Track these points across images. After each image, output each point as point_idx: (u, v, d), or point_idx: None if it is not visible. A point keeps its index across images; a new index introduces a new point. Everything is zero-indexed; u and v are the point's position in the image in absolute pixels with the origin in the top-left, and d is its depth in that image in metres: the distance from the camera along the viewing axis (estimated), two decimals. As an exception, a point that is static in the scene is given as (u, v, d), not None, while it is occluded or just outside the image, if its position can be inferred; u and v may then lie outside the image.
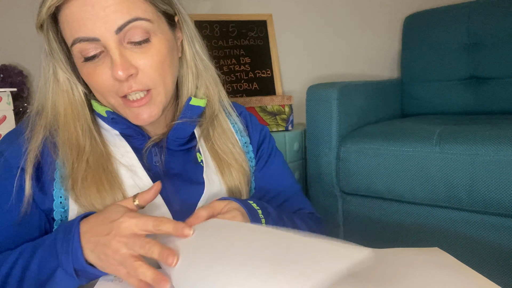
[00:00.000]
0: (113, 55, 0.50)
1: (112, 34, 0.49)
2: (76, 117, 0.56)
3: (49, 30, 0.53)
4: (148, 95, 0.54)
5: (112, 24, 0.49)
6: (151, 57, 0.52)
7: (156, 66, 0.52)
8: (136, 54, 0.51)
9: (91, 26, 0.48)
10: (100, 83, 0.52)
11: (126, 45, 0.51)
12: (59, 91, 0.56)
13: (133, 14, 0.49)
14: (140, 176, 0.56)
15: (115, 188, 0.53)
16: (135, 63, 0.51)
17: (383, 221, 1.10)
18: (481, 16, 1.44)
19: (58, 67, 0.56)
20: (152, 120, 0.55)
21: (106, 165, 0.55)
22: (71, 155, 0.54)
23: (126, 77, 0.50)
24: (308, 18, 1.68)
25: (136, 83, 0.52)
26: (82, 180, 0.52)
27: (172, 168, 0.61)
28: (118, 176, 0.55)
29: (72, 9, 0.49)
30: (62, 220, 0.54)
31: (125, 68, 0.50)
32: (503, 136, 0.90)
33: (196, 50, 0.62)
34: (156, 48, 0.52)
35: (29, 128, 0.55)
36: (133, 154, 0.58)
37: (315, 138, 1.19)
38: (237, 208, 0.51)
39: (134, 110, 0.54)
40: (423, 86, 1.56)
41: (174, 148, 0.62)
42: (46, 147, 0.54)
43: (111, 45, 0.49)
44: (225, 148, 0.64)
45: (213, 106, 0.64)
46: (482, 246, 0.95)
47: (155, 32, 0.52)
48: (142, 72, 0.52)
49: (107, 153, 0.56)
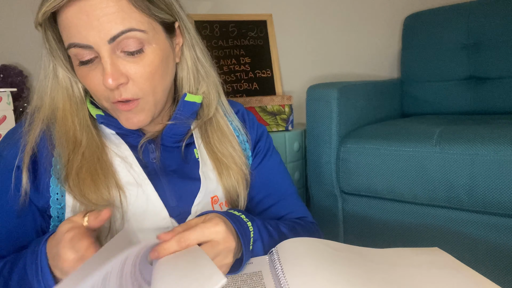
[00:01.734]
0: (104, 64, 0.50)
1: (105, 43, 0.49)
2: (75, 112, 0.57)
3: (47, 30, 0.53)
4: (135, 102, 0.54)
5: (105, 34, 0.49)
6: (143, 67, 0.52)
7: (147, 77, 0.53)
8: (128, 63, 0.51)
9: (85, 34, 0.49)
10: (93, 87, 0.53)
11: (119, 54, 0.51)
12: (58, 87, 0.57)
13: (127, 25, 0.50)
14: (134, 168, 0.57)
15: (109, 176, 0.54)
16: (126, 72, 0.52)
17: (383, 221, 1.10)
18: (481, 16, 1.44)
19: (58, 65, 0.56)
20: (142, 125, 0.56)
21: (101, 155, 0.55)
22: (67, 148, 0.54)
23: (115, 86, 0.51)
24: (308, 18, 1.68)
25: (126, 92, 0.52)
26: (76, 171, 0.53)
27: (168, 165, 0.61)
28: (112, 165, 0.56)
29: (68, 15, 0.49)
30: (58, 217, 0.54)
31: (115, 77, 0.50)
32: (503, 136, 0.90)
33: (197, 56, 0.62)
34: (148, 59, 0.52)
35: (27, 122, 0.56)
36: (129, 151, 0.58)
37: (315, 138, 1.19)
38: (217, 216, 0.50)
39: (125, 114, 0.55)
40: (423, 86, 1.57)
41: (170, 145, 0.62)
42: (43, 140, 0.55)
43: (103, 54, 0.50)
44: (225, 152, 0.64)
45: (210, 107, 0.64)
46: (482, 246, 0.95)
47: (149, 42, 0.52)
48: (132, 81, 0.52)
49: (102, 145, 0.57)
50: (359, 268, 0.46)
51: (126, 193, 0.55)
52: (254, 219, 0.56)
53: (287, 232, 0.61)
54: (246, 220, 0.54)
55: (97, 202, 0.52)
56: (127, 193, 0.55)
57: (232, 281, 0.48)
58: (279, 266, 0.48)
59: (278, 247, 0.52)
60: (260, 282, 0.46)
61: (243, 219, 0.54)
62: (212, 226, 0.47)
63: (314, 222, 0.72)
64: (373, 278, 0.44)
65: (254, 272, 0.49)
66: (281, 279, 0.45)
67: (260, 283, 0.46)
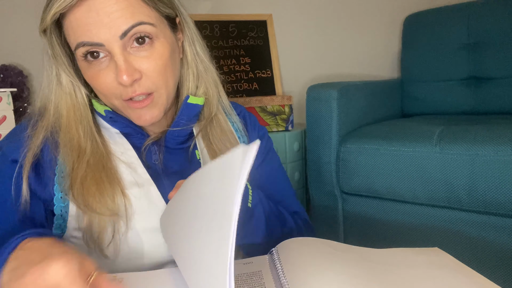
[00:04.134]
0: (118, 61, 0.50)
1: (116, 39, 0.50)
2: (79, 119, 0.56)
3: (52, 34, 0.53)
4: (150, 98, 0.54)
5: (116, 30, 0.49)
6: (154, 61, 0.52)
7: (159, 70, 0.53)
8: (140, 58, 0.52)
9: (96, 32, 0.49)
10: (104, 86, 0.53)
11: (130, 50, 0.51)
12: (62, 94, 0.57)
13: (136, 18, 0.50)
14: (139, 173, 0.57)
15: (115, 184, 0.54)
16: (139, 67, 0.52)
17: (383, 221, 1.10)
18: (481, 16, 1.44)
19: (62, 70, 0.56)
20: (154, 121, 0.56)
21: (106, 163, 0.55)
22: (71, 156, 0.54)
23: (130, 82, 0.51)
24: (308, 18, 1.68)
25: (140, 87, 0.53)
26: (81, 180, 0.52)
27: (171, 167, 0.62)
28: (117, 173, 0.55)
29: (77, 15, 0.49)
30: (62, 215, 0.54)
31: (129, 73, 0.50)
32: (503, 136, 0.90)
33: (196, 51, 0.62)
34: (159, 52, 0.53)
35: (30, 127, 0.55)
36: (133, 151, 0.58)
37: (315, 138, 1.19)
38: None
39: (137, 111, 0.55)
40: (423, 86, 1.57)
41: (173, 146, 0.63)
42: (46, 145, 0.55)
43: (115, 51, 0.50)
44: (224, 150, 0.64)
45: (211, 106, 0.64)
46: (482, 246, 0.95)
47: (157, 36, 0.53)
48: (145, 76, 0.53)
49: (107, 152, 0.57)
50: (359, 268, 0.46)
51: (131, 197, 0.54)
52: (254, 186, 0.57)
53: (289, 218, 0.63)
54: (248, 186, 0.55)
55: (101, 212, 0.51)
56: (131, 197, 0.54)
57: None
58: (279, 265, 0.48)
59: (278, 247, 0.52)
60: (260, 282, 0.47)
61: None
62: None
63: (313, 226, 0.73)
64: (374, 278, 0.44)
65: (254, 272, 0.49)
66: (281, 279, 0.45)
67: (260, 282, 0.46)
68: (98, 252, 0.52)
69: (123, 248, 0.53)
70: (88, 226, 0.51)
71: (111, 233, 0.52)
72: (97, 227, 0.51)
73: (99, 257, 0.52)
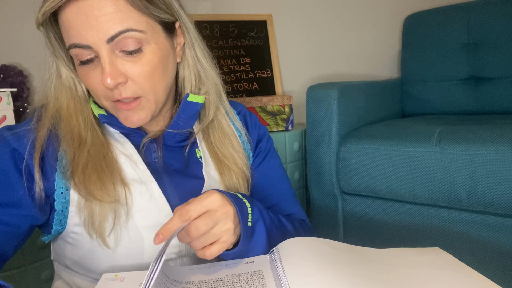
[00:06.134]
0: (103, 64, 0.51)
1: (103, 43, 0.50)
2: (79, 110, 0.57)
3: (49, 30, 0.54)
4: (137, 101, 0.54)
5: (104, 34, 0.49)
6: (141, 66, 0.52)
7: (146, 76, 0.53)
8: (127, 62, 0.52)
9: (84, 34, 0.49)
10: (93, 87, 0.54)
11: (118, 53, 0.52)
12: (62, 87, 0.57)
13: (125, 25, 0.50)
14: (138, 165, 0.58)
15: (115, 173, 0.54)
16: (125, 72, 0.52)
17: (383, 221, 1.10)
18: (481, 16, 1.44)
19: (61, 65, 0.57)
20: (141, 124, 0.56)
21: (106, 152, 0.56)
22: (72, 145, 0.55)
23: (114, 85, 0.51)
24: (308, 18, 1.69)
25: (125, 91, 0.53)
26: (82, 168, 0.53)
27: (171, 164, 0.62)
28: (118, 163, 0.56)
29: (67, 16, 0.50)
30: (62, 211, 0.54)
31: (113, 77, 0.51)
32: (503, 136, 0.90)
33: (196, 56, 0.62)
34: (147, 58, 0.53)
35: (35, 119, 0.56)
36: (133, 148, 0.59)
37: (315, 138, 1.19)
38: (211, 190, 0.51)
39: (124, 113, 0.55)
40: (423, 86, 1.57)
41: (173, 144, 0.63)
42: (49, 137, 0.56)
43: (102, 53, 0.50)
44: (226, 153, 0.64)
45: (210, 110, 0.64)
46: (482, 246, 0.95)
47: (148, 42, 0.53)
48: (131, 80, 0.53)
49: (107, 143, 0.57)
50: (360, 268, 0.46)
51: (131, 189, 0.55)
52: (254, 202, 0.56)
53: (288, 225, 0.62)
54: (242, 197, 0.55)
55: (102, 199, 0.52)
56: (132, 190, 0.55)
57: (233, 279, 0.48)
58: (279, 265, 0.48)
59: (279, 247, 0.52)
60: (261, 282, 0.47)
61: (241, 198, 0.54)
62: (208, 196, 0.48)
63: (311, 226, 0.73)
64: (374, 278, 0.44)
65: (255, 271, 0.49)
66: (281, 279, 0.45)
67: (260, 282, 0.46)
68: (100, 242, 0.53)
69: (123, 238, 0.54)
70: (90, 215, 0.52)
71: (112, 221, 0.53)
72: (98, 215, 0.52)
73: (102, 248, 0.53)
